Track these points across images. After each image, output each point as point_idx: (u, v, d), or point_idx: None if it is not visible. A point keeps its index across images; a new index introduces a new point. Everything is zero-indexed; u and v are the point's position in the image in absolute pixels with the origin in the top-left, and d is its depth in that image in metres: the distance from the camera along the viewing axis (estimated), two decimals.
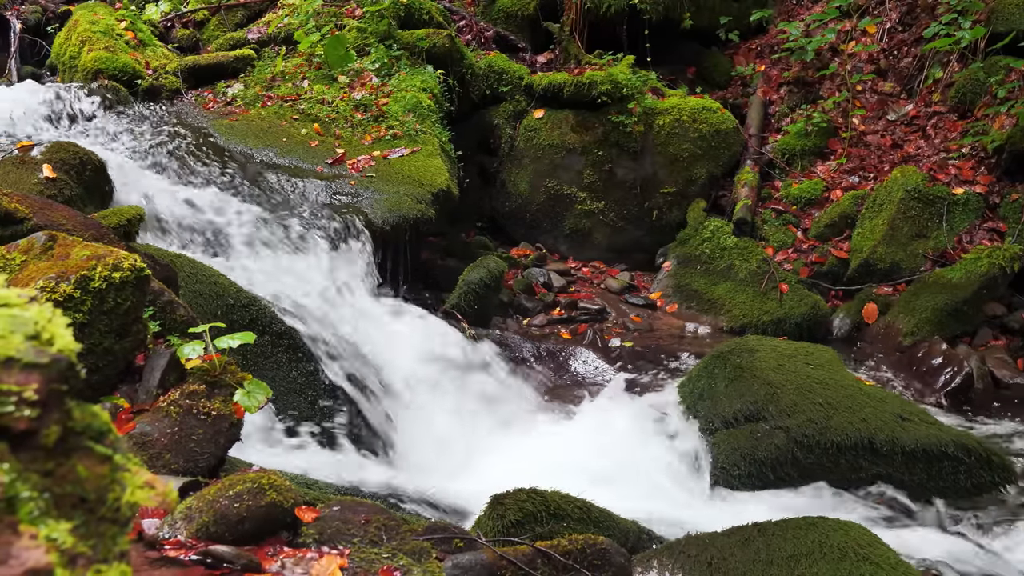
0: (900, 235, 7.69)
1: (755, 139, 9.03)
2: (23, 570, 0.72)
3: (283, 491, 2.64)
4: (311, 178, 6.82)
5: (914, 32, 9.41)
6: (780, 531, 3.40)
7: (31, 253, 3.02)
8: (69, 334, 0.85)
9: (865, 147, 8.81)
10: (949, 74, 8.85)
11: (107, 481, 0.85)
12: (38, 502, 0.78)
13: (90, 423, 0.85)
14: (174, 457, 2.98)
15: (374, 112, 7.88)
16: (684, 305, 7.90)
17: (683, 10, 9.76)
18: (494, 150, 9.05)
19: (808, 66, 9.53)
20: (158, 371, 3.18)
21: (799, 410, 4.99)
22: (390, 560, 2.64)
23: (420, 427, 5.30)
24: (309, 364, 4.98)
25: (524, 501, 3.45)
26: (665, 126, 8.74)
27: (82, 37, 8.36)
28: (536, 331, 7.26)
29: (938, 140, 8.52)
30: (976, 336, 7.11)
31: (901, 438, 4.83)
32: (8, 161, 5.32)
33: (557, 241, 8.87)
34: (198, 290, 4.76)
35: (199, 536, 2.47)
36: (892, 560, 3.22)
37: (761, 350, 5.57)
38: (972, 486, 4.84)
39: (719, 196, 8.80)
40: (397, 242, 6.62)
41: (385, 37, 8.67)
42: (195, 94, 8.26)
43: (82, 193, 5.29)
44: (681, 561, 3.40)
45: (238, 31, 9.58)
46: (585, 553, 2.87)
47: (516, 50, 9.97)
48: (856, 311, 7.50)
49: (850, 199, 8.22)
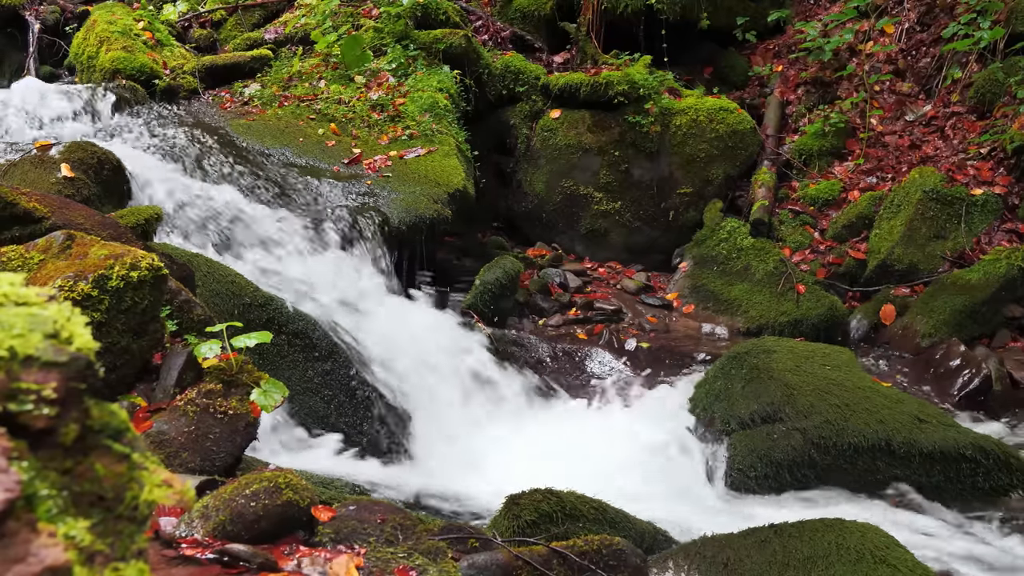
0: (918, 236, 7.65)
1: (772, 139, 9.00)
2: (42, 568, 0.72)
3: (299, 490, 2.65)
4: (328, 178, 6.83)
5: (933, 32, 9.36)
6: (797, 533, 3.38)
7: (49, 252, 3.03)
8: (87, 333, 0.85)
9: (883, 148, 8.77)
10: (968, 74, 8.80)
11: (125, 479, 0.85)
12: (56, 500, 0.78)
13: (108, 422, 0.86)
14: (191, 456, 2.99)
15: (391, 112, 7.89)
16: (701, 306, 7.87)
17: (700, 10, 9.74)
18: (510, 150, 9.05)
19: (826, 66, 9.50)
20: (175, 370, 3.19)
21: (816, 411, 4.97)
22: (406, 560, 2.64)
23: (435, 426, 5.30)
24: (325, 363, 4.99)
25: (540, 501, 3.45)
26: (682, 126, 8.72)
27: (100, 37, 8.40)
28: (552, 331, 7.25)
29: (956, 141, 8.48)
30: (994, 338, 7.06)
31: (919, 440, 4.81)
32: (27, 160, 5.34)
33: (573, 241, 8.86)
34: (215, 289, 4.77)
35: (216, 535, 2.48)
36: (910, 562, 3.20)
37: (778, 351, 5.55)
38: (990, 488, 4.81)
39: (736, 197, 8.77)
40: (413, 242, 6.62)
41: (402, 37, 8.68)
42: (212, 94, 8.29)
43: (100, 192, 5.31)
44: (697, 562, 3.39)
45: (255, 31, 9.60)
46: (601, 554, 2.86)
47: (533, 50, 9.96)
48: (873, 312, 7.47)
49: (868, 200, 8.19)
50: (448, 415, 5.45)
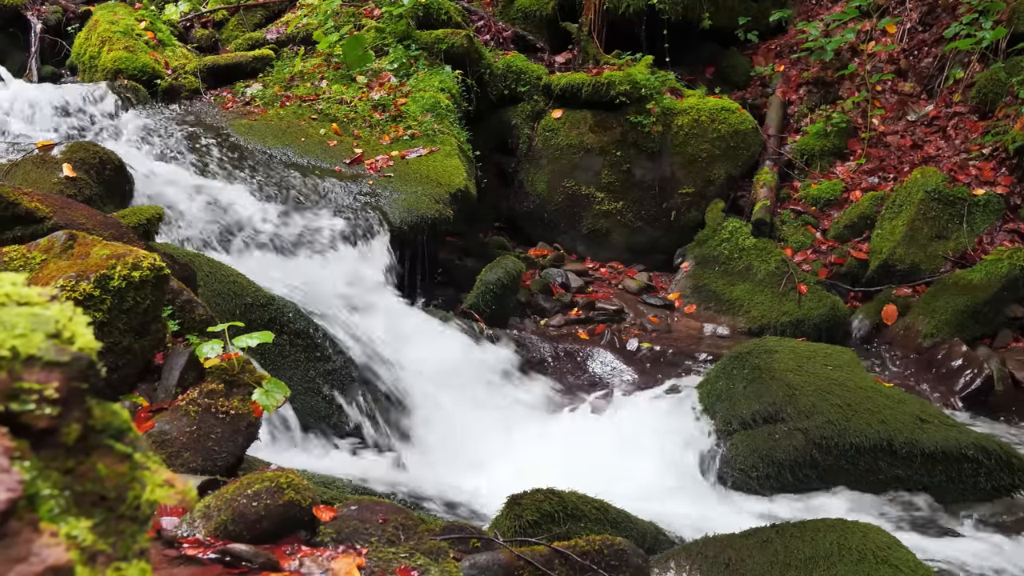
0: (920, 236, 7.64)
1: (774, 139, 9.00)
2: (44, 567, 0.72)
3: (301, 490, 2.65)
4: (329, 178, 6.83)
5: (935, 32, 9.36)
6: (798, 533, 3.38)
7: (51, 252, 3.04)
8: (89, 333, 0.85)
9: (885, 148, 8.77)
10: (970, 74, 8.80)
11: (127, 479, 0.85)
12: (58, 500, 0.78)
13: (110, 421, 0.86)
14: (193, 456, 2.99)
15: (392, 112, 7.90)
16: (702, 306, 7.87)
17: (702, 10, 9.73)
18: (512, 150, 9.05)
19: (827, 66, 9.49)
20: (177, 370, 3.19)
21: (818, 411, 4.97)
22: (408, 560, 2.64)
23: (437, 426, 5.30)
24: (327, 363, 4.99)
25: (541, 501, 3.45)
26: (684, 126, 8.72)
27: (102, 37, 8.41)
28: (554, 331, 7.25)
29: (959, 141, 8.47)
30: (996, 338, 7.06)
31: (920, 440, 4.80)
32: (29, 160, 5.35)
33: (575, 241, 8.86)
34: (217, 289, 4.77)
35: (217, 534, 2.48)
36: (911, 563, 3.20)
37: (780, 351, 5.55)
38: (992, 489, 4.81)
39: (738, 197, 8.77)
40: (415, 242, 6.62)
41: (404, 37, 8.68)
42: (214, 94, 8.29)
43: (102, 192, 5.32)
44: (699, 562, 3.38)
45: (257, 31, 9.60)
46: (603, 554, 2.86)
47: (534, 50, 9.97)
48: (875, 312, 7.46)
49: (869, 200, 8.18)
50: (450, 415, 5.45)
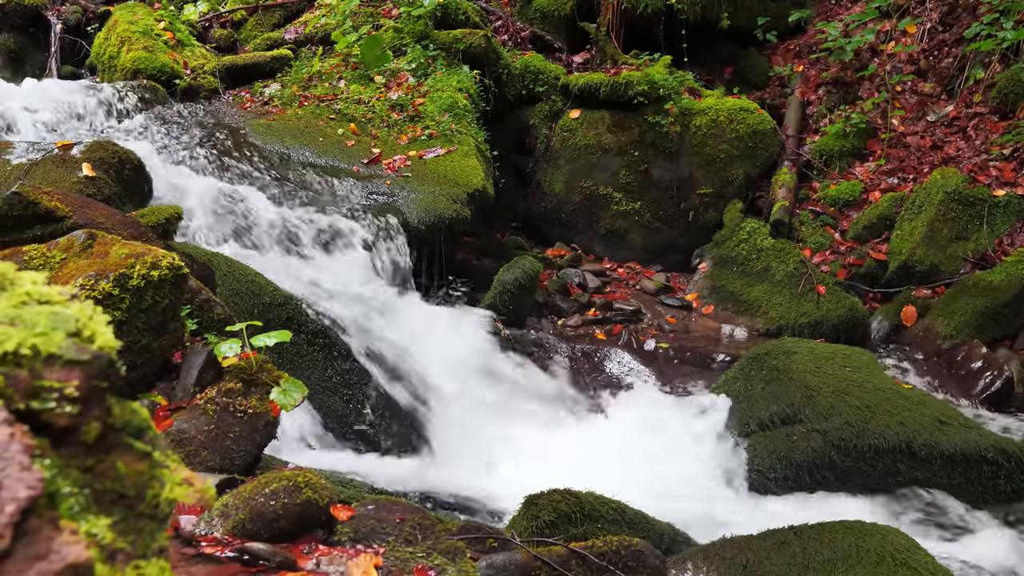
0: (940, 237, 7.60)
1: (793, 140, 8.97)
2: (64, 565, 0.73)
3: (318, 489, 2.65)
4: (347, 177, 6.85)
5: (955, 32, 9.31)
6: (816, 535, 3.37)
7: (71, 251, 3.05)
8: (109, 331, 0.85)
9: (904, 148, 8.73)
10: (991, 75, 8.75)
11: (146, 478, 0.85)
12: (78, 498, 0.78)
13: (129, 420, 0.86)
14: (211, 454, 3.00)
15: (410, 112, 7.90)
16: (720, 307, 7.85)
17: (720, 10, 9.70)
18: (530, 150, 9.04)
19: (847, 66, 9.45)
20: (195, 369, 3.20)
21: (836, 413, 4.95)
22: (425, 559, 2.64)
23: (454, 426, 5.30)
24: (344, 363, 5.00)
25: (558, 502, 3.45)
26: (702, 127, 8.70)
27: (121, 37, 8.45)
28: (571, 332, 7.24)
29: (979, 141, 8.42)
30: (1016, 340, 7.01)
31: (940, 442, 4.78)
32: (48, 160, 5.37)
33: (592, 242, 8.85)
34: (235, 288, 4.79)
35: (235, 533, 2.48)
36: (930, 565, 3.19)
37: (798, 352, 5.53)
38: (1012, 491, 4.77)
39: (756, 197, 8.74)
40: (432, 242, 6.63)
41: (421, 37, 8.69)
42: (232, 94, 8.32)
43: (121, 191, 5.34)
44: (716, 564, 3.38)
45: (275, 31, 9.63)
46: (619, 554, 2.86)
47: (552, 50, 9.96)
48: (894, 313, 7.43)
49: (889, 201, 8.14)
50: (467, 415, 5.45)
